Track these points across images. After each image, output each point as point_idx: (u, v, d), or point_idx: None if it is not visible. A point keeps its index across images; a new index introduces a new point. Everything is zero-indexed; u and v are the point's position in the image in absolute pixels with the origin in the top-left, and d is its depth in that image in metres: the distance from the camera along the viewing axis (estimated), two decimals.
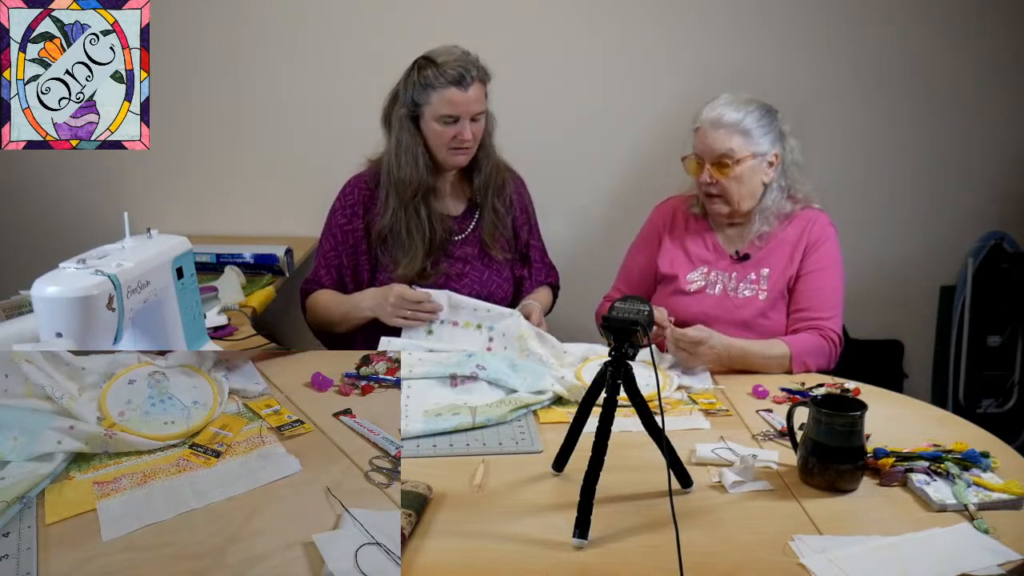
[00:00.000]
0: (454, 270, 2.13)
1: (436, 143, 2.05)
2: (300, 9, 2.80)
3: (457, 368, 1.82)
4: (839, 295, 2.03)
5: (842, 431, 1.39)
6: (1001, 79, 2.86)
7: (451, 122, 2.02)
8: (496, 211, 2.16)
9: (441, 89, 2.00)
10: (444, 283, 2.10)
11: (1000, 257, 2.91)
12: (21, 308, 1.82)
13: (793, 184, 2.08)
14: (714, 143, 1.99)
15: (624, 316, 1.34)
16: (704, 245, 2.11)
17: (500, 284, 2.17)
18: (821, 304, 1.99)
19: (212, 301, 2.24)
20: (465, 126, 2.02)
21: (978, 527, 1.28)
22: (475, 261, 2.16)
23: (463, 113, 2.01)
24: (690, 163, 2.06)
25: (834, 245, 2.06)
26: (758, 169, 2.02)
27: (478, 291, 2.12)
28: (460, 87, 1.99)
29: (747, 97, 2.04)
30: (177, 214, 2.89)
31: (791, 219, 2.06)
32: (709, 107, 2.03)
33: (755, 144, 2.00)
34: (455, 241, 2.15)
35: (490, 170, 2.15)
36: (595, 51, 2.83)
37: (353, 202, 2.14)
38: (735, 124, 1.98)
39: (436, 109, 2.01)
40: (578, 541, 1.25)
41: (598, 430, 1.31)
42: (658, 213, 2.22)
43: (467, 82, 2.00)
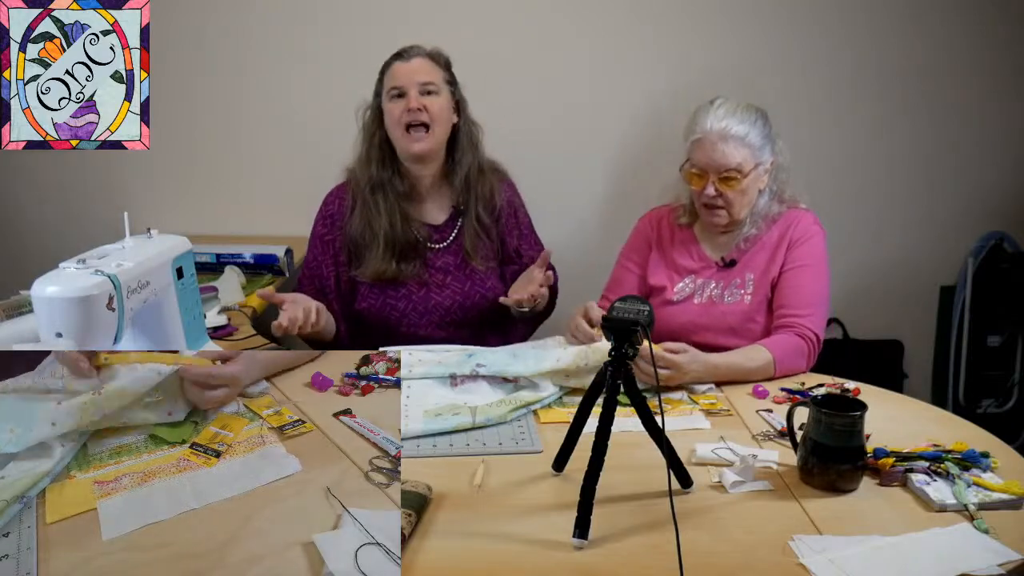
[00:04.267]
0: (435, 280, 2.13)
1: (391, 125, 2.07)
2: (300, 9, 2.80)
3: (457, 368, 1.82)
4: (820, 294, 1.98)
5: (842, 431, 1.39)
6: (1001, 79, 2.86)
7: (397, 96, 2.05)
8: (480, 219, 2.14)
9: (388, 69, 2.09)
10: (423, 291, 2.11)
11: (1000, 257, 2.91)
12: (21, 308, 1.83)
13: (781, 185, 2.06)
14: (722, 158, 1.94)
15: (624, 316, 1.34)
16: (690, 256, 2.09)
17: (483, 295, 2.15)
18: (798, 301, 1.95)
19: (212, 301, 2.24)
20: (412, 96, 2.03)
21: (978, 527, 1.28)
22: (456, 271, 2.14)
23: (407, 83, 2.04)
24: (691, 176, 2.01)
25: (818, 244, 2.01)
26: (758, 179, 2.00)
27: (460, 302, 2.12)
28: (402, 59, 2.08)
29: (743, 103, 2.00)
30: (177, 214, 2.89)
31: (776, 220, 2.04)
32: (710, 117, 1.96)
33: (759, 155, 1.97)
34: (435, 250, 2.14)
35: (470, 173, 2.13)
36: (585, 51, 2.82)
37: (332, 212, 2.16)
38: (742, 137, 1.94)
39: (386, 88, 2.08)
40: (578, 541, 1.25)
41: (598, 430, 1.31)
42: (645, 224, 2.20)
43: (409, 54, 2.08)
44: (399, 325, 2.12)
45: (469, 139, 2.14)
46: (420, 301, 2.12)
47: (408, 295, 2.11)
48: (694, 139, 1.99)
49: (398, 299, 2.11)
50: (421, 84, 2.05)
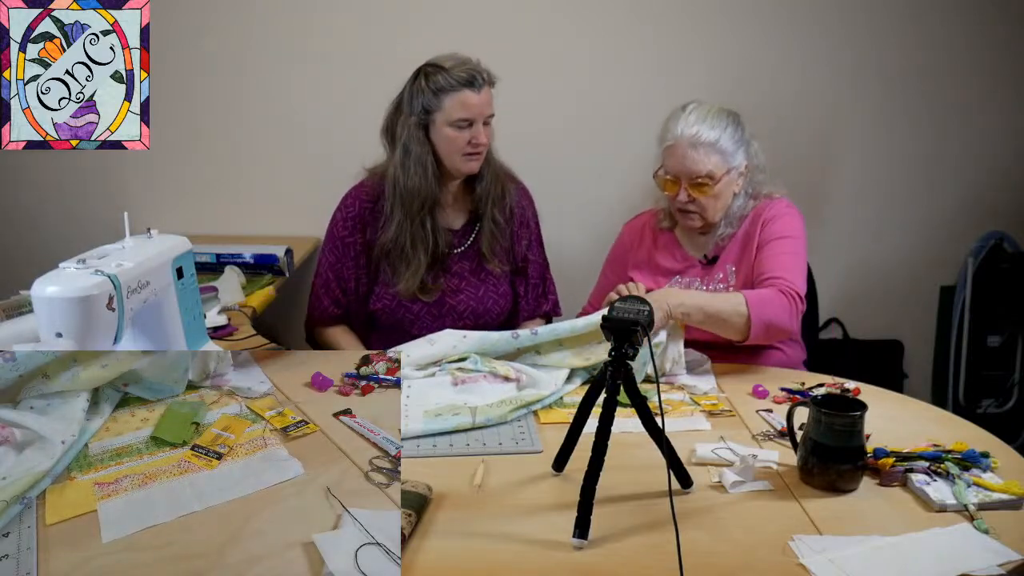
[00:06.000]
0: (450, 286, 2.12)
1: (449, 149, 2.03)
2: (300, 9, 2.80)
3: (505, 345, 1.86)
4: (799, 263, 1.97)
5: (842, 431, 1.39)
6: (1001, 79, 2.86)
7: (465, 126, 2.01)
8: (495, 221, 2.14)
9: (454, 93, 1.99)
10: (438, 296, 2.10)
11: (1000, 257, 2.91)
12: (21, 308, 1.83)
13: (757, 187, 2.07)
14: (693, 165, 1.96)
15: (624, 316, 1.34)
16: (673, 257, 2.11)
17: (496, 300, 2.16)
18: (776, 267, 1.93)
19: (212, 301, 2.23)
20: (479, 129, 2.02)
21: (978, 527, 1.28)
22: (471, 276, 2.15)
23: (477, 116, 2.01)
24: (664, 182, 2.02)
25: (792, 220, 2.02)
26: (732, 183, 2.01)
27: (474, 307, 2.13)
28: (473, 89, 2.00)
29: (715, 108, 2.00)
30: (177, 214, 2.89)
31: (750, 215, 2.06)
32: (681, 123, 1.97)
33: (730, 160, 1.99)
34: (454, 255, 2.14)
35: (491, 178, 2.13)
36: (585, 51, 2.83)
37: (354, 214, 2.13)
38: (713, 143, 1.95)
39: (450, 114, 2.00)
40: (578, 541, 1.25)
41: (598, 430, 1.31)
42: (628, 231, 2.21)
43: (479, 83, 2.01)
44: (412, 327, 2.11)
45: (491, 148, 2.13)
46: (435, 305, 2.12)
47: (431, 302, 2.11)
48: (666, 146, 2.01)
49: (413, 302, 2.11)
50: (487, 116, 2.04)
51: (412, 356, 1.86)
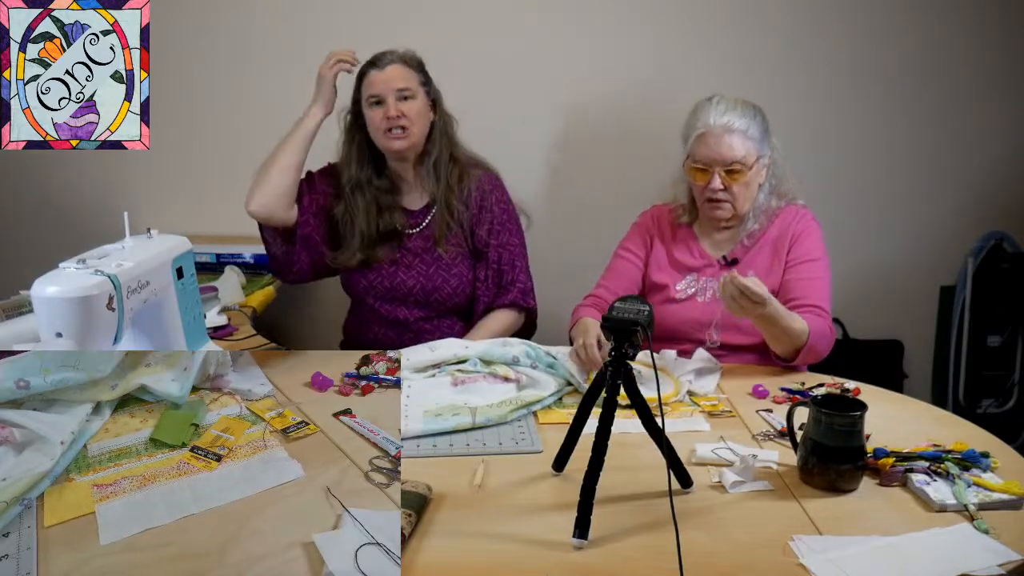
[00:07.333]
0: (404, 261, 2.23)
1: (372, 129, 2.17)
2: (300, 9, 2.80)
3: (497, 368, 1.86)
4: (829, 288, 2.00)
5: (842, 431, 1.39)
6: (1000, 78, 2.86)
7: (377, 103, 2.13)
8: (449, 207, 2.20)
9: (365, 76, 2.16)
10: (392, 269, 2.21)
11: (1000, 257, 2.91)
12: (21, 308, 1.83)
13: (779, 180, 2.08)
14: (728, 151, 1.97)
15: (624, 316, 1.34)
16: (690, 253, 2.10)
17: (447, 279, 2.22)
18: (815, 293, 1.96)
19: (212, 301, 2.24)
20: (390, 103, 2.11)
21: (978, 527, 1.28)
22: (424, 255, 2.23)
23: (385, 91, 2.12)
24: (694, 171, 2.02)
25: (820, 237, 2.05)
26: (759, 172, 2.02)
27: (423, 284, 2.21)
28: (377, 67, 2.15)
29: (740, 99, 2.02)
30: (177, 214, 2.89)
31: (775, 216, 2.06)
32: (712, 112, 1.99)
33: (760, 148, 2.00)
34: (410, 234, 2.23)
35: (439, 163, 2.20)
36: (585, 51, 2.82)
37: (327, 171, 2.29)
38: (744, 131, 1.97)
39: (364, 96, 2.16)
40: (578, 541, 1.25)
41: (598, 430, 1.31)
42: (646, 218, 2.20)
43: (384, 62, 2.14)
44: (365, 295, 2.24)
45: (442, 132, 2.22)
46: (387, 277, 2.22)
47: (378, 269, 2.22)
48: (697, 134, 2.01)
49: (367, 271, 2.22)
50: (397, 91, 2.13)
51: (412, 360, 1.86)
